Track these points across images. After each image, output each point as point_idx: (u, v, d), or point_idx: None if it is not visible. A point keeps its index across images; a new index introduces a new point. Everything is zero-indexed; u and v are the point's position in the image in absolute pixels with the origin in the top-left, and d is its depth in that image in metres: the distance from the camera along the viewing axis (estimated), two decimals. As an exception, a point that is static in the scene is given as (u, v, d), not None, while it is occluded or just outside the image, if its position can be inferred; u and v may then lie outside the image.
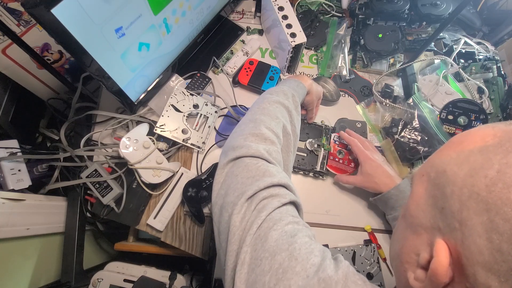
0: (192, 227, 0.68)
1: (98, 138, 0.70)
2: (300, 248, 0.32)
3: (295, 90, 0.58)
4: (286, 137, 0.50)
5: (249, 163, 0.41)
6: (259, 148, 0.42)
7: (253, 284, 0.31)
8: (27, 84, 0.74)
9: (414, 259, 0.30)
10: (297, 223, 0.36)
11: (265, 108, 0.50)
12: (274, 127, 0.46)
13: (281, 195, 0.38)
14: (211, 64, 0.79)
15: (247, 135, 0.44)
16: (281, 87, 0.57)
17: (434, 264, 0.26)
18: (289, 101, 0.54)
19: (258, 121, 0.46)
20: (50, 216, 0.66)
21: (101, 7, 0.46)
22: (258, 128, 0.44)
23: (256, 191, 0.37)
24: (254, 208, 0.36)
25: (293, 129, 0.53)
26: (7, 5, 0.62)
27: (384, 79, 0.81)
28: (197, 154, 0.72)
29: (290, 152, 0.51)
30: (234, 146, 0.44)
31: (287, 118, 0.52)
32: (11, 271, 0.58)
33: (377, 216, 0.69)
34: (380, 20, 0.83)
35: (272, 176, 0.39)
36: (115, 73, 0.55)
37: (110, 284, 0.66)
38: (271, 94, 0.54)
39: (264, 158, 0.42)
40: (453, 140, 0.30)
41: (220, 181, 0.42)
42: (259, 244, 0.33)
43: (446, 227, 0.26)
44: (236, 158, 0.42)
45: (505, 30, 0.86)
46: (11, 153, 0.63)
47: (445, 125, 0.69)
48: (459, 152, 0.28)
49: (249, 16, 0.89)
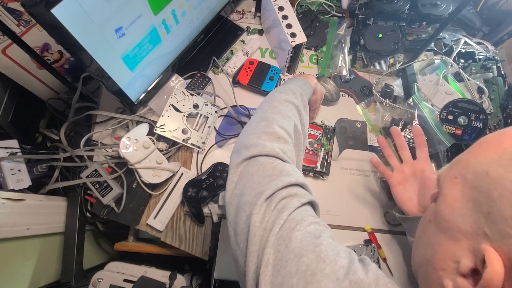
0: (192, 227, 0.68)
1: (98, 138, 0.70)
2: (326, 250, 0.31)
3: (303, 89, 0.57)
4: (297, 136, 0.49)
5: (264, 162, 0.40)
6: (273, 147, 0.41)
7: (279, 286, 0.30)
8: (27, 84, 0.74)
9: (452, 266, 0.29)
10: (318, 223, 0.35)
11: (276, 106, 0.49)
12: (287, 126, 0.45)
13: (300, 195, 0.37)
14: (211, 64, 0.79)
15: (260, 134, 0.43)
16: (289, 85, 0.56)
17: (488, 274, 0.24)
18: (298, 100, 0.53)
19: (270, 119, 0.45)
20: (50, 216, 0.66)
21: (101, 7, 0.46)
22: (271, 127, 0.43)
23: (275, 190, 0.36)
24: (274, 208, 0.35)
25: (303, 128, 0.52)
26: (7, 5, 0.62)
27: (384, 79, 0.81)
28: (197, 154, 0.72)
29: (300, 151, 0.50)
30: (247, 145, 0.42)
31: (298, 117, 0.51)
32: (11, 271, 0.58)
33: (377, 216, 0.69)
34: (380, 20, 0.83)
35: (290, 175, 0.38)
36: (115, 73, 0.55)
37: (110, 284, 0.66)
38: (280, 93, 0.53)
39: (279, 157, 0.41)
40: (488, 140, 0.29)
41: (234, 180, 0.41)
42: (283, 245, 0.32)
43: (495, 234, 0.25)
44: (251, 157, 0.41)
45: (505, 30, 0.86)
46: (11, 153, 0.63)
47: (445, 125, 0.69)
48: (501, 152, 0.26)
49: (249, 16, 0.89)
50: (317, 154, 0.71)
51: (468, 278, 0.28)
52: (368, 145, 0.76)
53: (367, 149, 0.75)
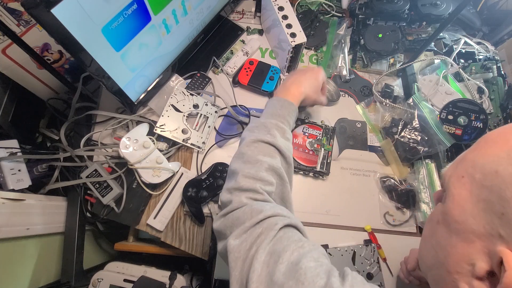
0: (192, 227, 0.68)
1: (98, 138, 0.70)
2: (305, 273, 0.32)
3: (278, 116, 0.55)
4: (277, 172, 0.49)
5: (235, 214, 0.43)
6: (241, 199, 0.44)
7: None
8: (27, 84, 0.74)
9: (467, 269, 0.28)
10: (301, 247, 0.36)
11: (244, 153, 0.50)
12: (255, 174, 0.47)
13: (273, 223, 0.39)
14: (211, 64, 0.79)
15: (231, 190, 0.47)
16: (262, 119, 0.55)
17: (508, 278, 0.24)
18: (271, 134, 0.52)
19: (237, 171, 0.48)
20: (50, 216, 0.66)
21: (101, 7, 0.46)
22: (237, 181, 0.46)
23: (245, 230, 0.39)
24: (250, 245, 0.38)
25: (283, 159, 0.52)
26: (7, 5, 0.62)
27: (384, 79, 0.81)
28: (197, 154, 0.72)
29: (286, 183, 0.50)
30: (223, 201, 0.47)
31: (272, 153, 0.50)
32: (11, 271, 0.58)
33: (377, 216, 0.69)
34: (380, 20, 0.83)
35: (259, 213, 0.40)
36: (115, 73, 0.55)
37: (110, 284, 0.66)
38: (251, 132, 0.53)
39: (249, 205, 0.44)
40: (491, 138, 0.29)
41: (216, 234, 0.46)
42: (269, 280, 0.34)
43: (511, 235, 0.24)
44: (226, 213, 0.45)
45: (505, 30, 0.86)
46: (11, 153, 0.63)
47: (445, 125, 0.69)
48: (509, 150, 0.26)
49: (249, 16, 0.89)
50: (317, 154, 0.71)
51: (485, 280, 0.27)
52: (368, 145, 0.76)
53: (367, 149, 0.75)
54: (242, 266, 0.36)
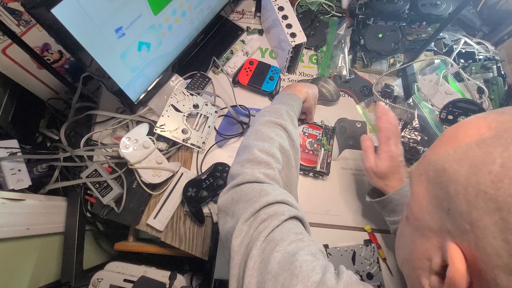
0: (192, 227, 0.68)
1: (98, 138, 0.70)
2: (301, 266, 0.31)
3: (288, 104, 0.58)
4: (285, 153, 0.50)
5: (244, 188, 0.42)
6: (254, 172, 0.44)
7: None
8: (27, 84, 0.74)
9: (427, 264, 0.29)
10: (300, 240, 0.35)
11: (257, 131, 0.51)
12: (268, 149, 0.47)
13: (279, 213, 0.38)
14: (211, 64, 0.79)
15: (243, 162, 0.46)
16: (273, 105, 0.58)
17: (451, 272, 0.24)
18: (283, 118, 0.54)
19: (251, 145, 0.48)
20: (50, 216, 0.66)
21: (101, 7, 0.46)
22: (252, 153, 0.46)
23: (253, 213, 0.38)
24: (253, 231, 0.37)
25: (292, 143, 0.53)
26: (7, 5, 0.62)
27: (384, 79, 0.81)
28: (197, 154, 0.72)
29: (292, 168, 0.51)
30: (232, 174, 0.46)
31: (283, 135, 0.52)
32: (11, 271, 0.58)
33: (377, 216, 0.69)
34: (380, 20, 0.83)
35: (268, 195, 0.40)
36: (115, 73, 0.55)
37: (110, 284, 0.66)
38: (263, 116, 0.55)
39: (260, 181, 0.43)
40: (446, 135, 0.29)
41: (222, 209, 0.44)
42: (263, 267, 0.33)
43: (456, 230, 0.25)
44: (235, 186, 0.44)
45: (505, 30, 0.86)
46: (11, 153, 0.63)
47: (445, 125, 0.69)
48: (456, 147, 0.26)
49: (249, 16, 0.89)
50: (317, 154, 0.71)
51: (442, 275, 0.27)
52: (368, 145, 0.75)
53: (367, 149, 0.75)
54: (244, 251, 0.36)
